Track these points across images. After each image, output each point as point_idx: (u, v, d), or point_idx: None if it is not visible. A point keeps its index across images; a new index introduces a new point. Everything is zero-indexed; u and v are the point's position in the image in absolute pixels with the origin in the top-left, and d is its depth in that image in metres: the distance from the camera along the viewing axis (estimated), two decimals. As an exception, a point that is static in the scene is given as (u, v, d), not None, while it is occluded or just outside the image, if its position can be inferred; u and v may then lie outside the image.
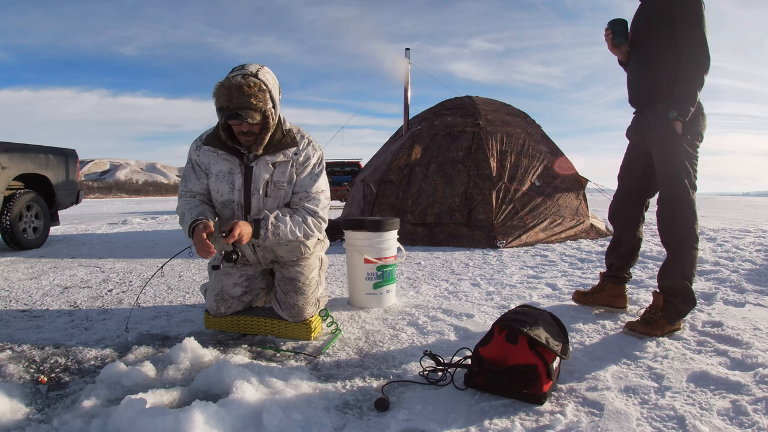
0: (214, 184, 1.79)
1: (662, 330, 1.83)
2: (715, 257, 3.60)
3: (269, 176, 1.76)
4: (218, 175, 1.78)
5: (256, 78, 1.64)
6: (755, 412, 1.22)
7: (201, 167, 1.83)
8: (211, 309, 1.93)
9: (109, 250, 4.51)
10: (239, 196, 1.77)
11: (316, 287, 1.93)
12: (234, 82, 1.60)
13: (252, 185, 1.75)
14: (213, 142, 1.78)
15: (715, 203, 17.21)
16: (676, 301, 1.86)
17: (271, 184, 1.77)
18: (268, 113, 1.67)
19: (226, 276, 1.92)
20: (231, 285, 1.92)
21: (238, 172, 1.76)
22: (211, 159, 1.79)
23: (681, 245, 1.89)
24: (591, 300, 2.28)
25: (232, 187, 1.77)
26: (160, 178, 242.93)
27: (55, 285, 2.91)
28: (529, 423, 1.19)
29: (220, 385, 1.32)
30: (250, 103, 1.60)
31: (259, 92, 1.62)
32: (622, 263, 2.21)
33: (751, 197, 37.12)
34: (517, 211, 4.65)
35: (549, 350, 1.33)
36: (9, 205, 4.37)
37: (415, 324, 2.05)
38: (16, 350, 1.74)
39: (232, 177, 1.76)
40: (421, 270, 3.35)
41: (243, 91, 1.59)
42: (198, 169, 1.83)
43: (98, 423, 1.14)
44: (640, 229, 2.18)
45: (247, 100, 1.60)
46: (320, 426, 1.17)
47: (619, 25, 2.01)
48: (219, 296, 1.90)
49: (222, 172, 1.77)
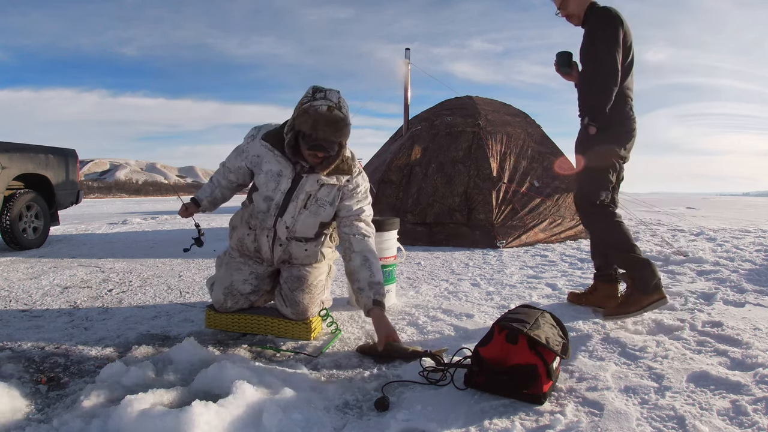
0: (262, 178, 1.86)
1: (639, 305, 1.98)
2: (715, 257, 3.60)
3: (314, 192, 1.82)
4: (267, 173, 1.85)
5: (341, 111, 1.67)
6: (755, 412, 1.22)
7: (249, 156, 1.91)
8: (217, 302, 1.94)
9: (109, 250, 4.51)
10: (280, 197, 1.84)
11: (322, 289, 1.94)
12: (321, 112, 1.63)
13: (295, 193, 1.82)
14: (274, 143, 1.83)
15: (715, 203, 17.21)
16: (635, 273, 2.02)
17: (313, 199, 1.83)
18: (344, 144, 1.76)
19: (237, 271, 1.94)
20: (241, 281, 1.93)
21: (287, 177, 1.82)
22: (264, 156, 1.86)
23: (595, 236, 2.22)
24: (585, 300, 2.31)
25: (277, 187, 1.83)
26: (160, 178, 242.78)
27: (55, 285, 2.91)
28: (529, 423, 1.19)
29: (220, 385, 1.32)
30: (335, 137, 1.67)
31: (344, 127, 1.68)
32: (606, 261, 2.28)
33: (751, 197, 37.13)
34: (516, 211, 4.65)
35: (549, 350, 1.33)
36: (9, 205, 4.37)
37: (415, 324, 2.05)
38: (16, 350, 1.74)
39: (280, 179, 1.83)
40: (421, 270, 3.35)
41: (331, 126, 1.64)
42: (242, 155, 1.94)
43: (98, 423, 1.14)
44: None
45: (332, 134, 1.65)
46: (320, 426, 1.17)
47: (563, 56, 2.30)
48: (228, 290, 1.92)
49: (272, 171, 1.84)
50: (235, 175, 2.02)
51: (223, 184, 2.08)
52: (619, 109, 2.12)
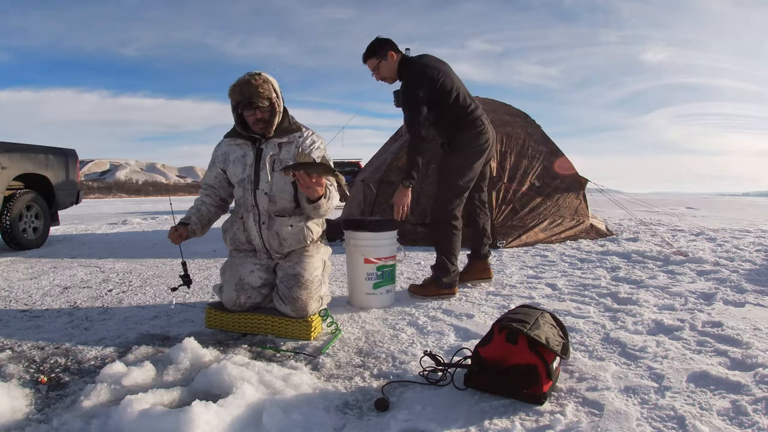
0: (232, 169, 2.06)
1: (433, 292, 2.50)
2: (715, 257, 3.59)
3: (275, 153, 2.00)
4: (235, 161, 2.05)
5: (260, 74, 1.96)
6: (755, 412, 1.22)
7: (218, 159, 2.11)
8: (230, 300, 1.96)
9: (109, 250, 4.51)
10: (250, 171, 2.01)
11: (319, 285, 1.96)
12: (242, 79, 1.93)
13: (260, 162, 1.99)
14: (231, 134, 2.09)
15: (715, 203, 17.21)
16: (439, 272, 2.51)
17: (277, 161, 1.99)
18: (274, 100, 1.96)
19: (242, 266, 2.01)
20: (248, 273, 2.00)
21: (250, 153, 2.02)
22: (229, 149, 2.08)
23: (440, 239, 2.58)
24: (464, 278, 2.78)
25: (245, 166, 2.02)
26: (160, 178, 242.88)
27: (55, 285, 2.91)
28: (529, 423, 1.19)
29: (220, 385, 1.32)
30: (258, 92, 1.91)
31: (264, 83, 1.93)
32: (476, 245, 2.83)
33: (751, 197, 37.12)
34: (516, 212, 4.64)
35: (549, 350, 1.33)
36: (9, 205, 4.37)
37: (415, 324, 2.05)
38: (16, 350, 1.74)
39: (245, 159, 2.02)
40: (421, 270, 3.35)
41: (251, 83, 1.91)
42: (215, 163, 2.13)
43: (98, 423, 1.14)
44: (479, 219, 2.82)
45: (255, 90, 1.91)
46: (320, 426, 1.17)
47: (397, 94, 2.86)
48: (239, 285, 1.96)
49: (237, 157, 2.04)
50: (216, 188, 2.15)
51: (207, 201, 2.15)
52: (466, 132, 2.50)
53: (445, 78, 2.47)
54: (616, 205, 6.26)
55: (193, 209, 2.12)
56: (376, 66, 2.53)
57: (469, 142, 2.51)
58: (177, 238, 2.03)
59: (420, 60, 2.52)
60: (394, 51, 2.51)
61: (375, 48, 2.52)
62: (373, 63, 2.53)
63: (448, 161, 2.57)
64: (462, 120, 2.51)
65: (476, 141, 2.52)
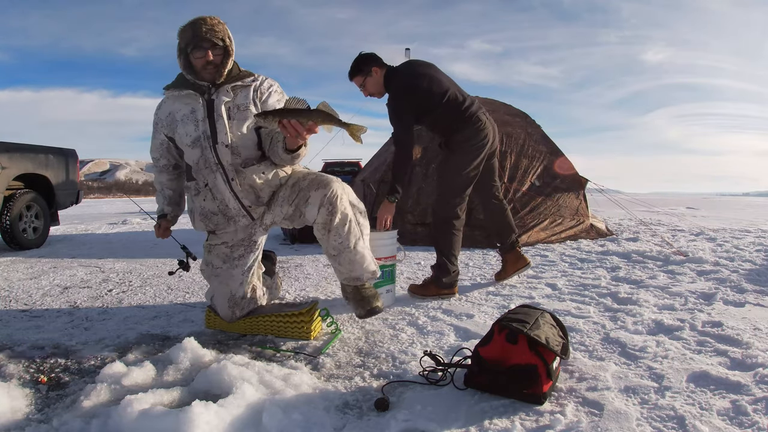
0: (182, 129, 1.80)
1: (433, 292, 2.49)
2: (715, 257, 3.59)
3: (230, 100, 1.79)
4: (183, 120, 1.80)
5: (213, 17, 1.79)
6: (755, 412, 1.22)
7: (162, 124, 1.87)
8: (227, 317, 1.92)
9: (109, 250, 4.51)
10: (204, 126, 1.77)
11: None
12: (195, 19, 1.75)
13: (215, 113, 1.78)
14: (174, 84, 1.85)
15: (715, 203, 17.22)
16: (439, 272, 2.50)
17: (234, 108, 1.79)
18: (228, 43, 1.79)
19: (230, 278, 1.91)
20: (237, 285, 1.91)
21: (200, 107, 1.79)
22: (174, 108, 1.83)
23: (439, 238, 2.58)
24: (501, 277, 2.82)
25: (197, 122, 1.78)
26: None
27: (55, 285, 2.91)
28: (529, 423, 1.19)
29: (220, 385, 1.32)
30: (213, 30, 1.74)
31: (219, 23, 1.77)
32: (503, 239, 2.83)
33: (751, 197, 37.13)
34: (517, 211, 4.64)
35: (549, 350, 1.33)
36: (9, 205, 4.37)
37: (415, 324, 2.05)
38: (16, 350, 1.74)
39: (195, 114, 1.79)
40: (421, 270, 3.35)
41: (205, 20, 1.74)
42: (157, 128, 1.89)
43: (98, 423, 1.14)
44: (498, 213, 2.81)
45: (210, 29, 1.73)
46: (320, 426, 1.17)
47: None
48: (232, 302, 1.90)
49: (185, 115, 1.80)
50: (165, 158, 1.95)
51: (164, 179, 2.01)
52: (465, 131, 2.49)
53: (431, 83, 2.46)
54: (616, 205, 6.26)
55: (159, 197, 2.04)
56: (362, 83, 2.55)
57: (467, 140, 2.51)
58: (165, 231, 1.99)
59: (405, 71, 2.53)
60: (378, 66, 2.51)
61: (359, 65, 2.53)
62: (359, 80, 2.55)
63: (447, 161, 2.57)
64: (458, 119, 2.51)
65: (475, 138, 2.52)
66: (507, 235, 2.79)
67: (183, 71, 1.82)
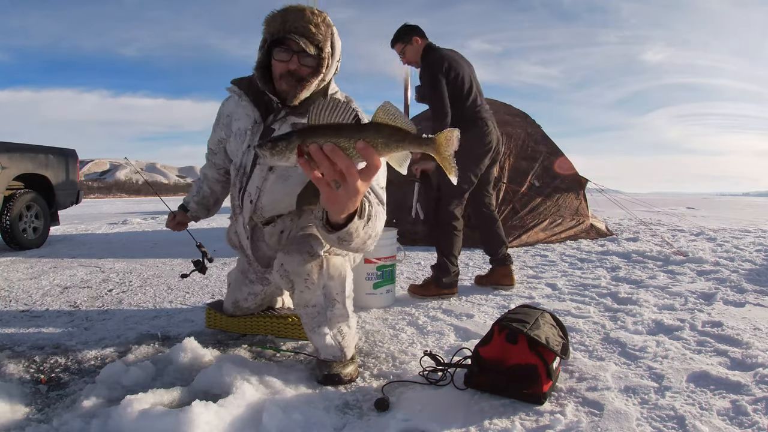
0: (233, 143, 1.51)
1: (433, 292, 2.49)
2: (715, 257, 3.59)
3: None
4: (237, 134, 1.49)
5: (322, 12, 1.33)
6: (755, 412, 1.22)
7: (222, 120, 1.59)
8: (227, 311, 1.93)
9: (109, 250, 4.51)
10: (246, 158, 1.43)
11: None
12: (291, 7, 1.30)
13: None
14: (239, 84, 1.46)
15: (715, 203, 17.22)
16: (439, 272, 2.50)
17: None
18: (325, 54, 1.32)
19: (238, 291, 1.85)
20: (243, 298, 1.87)
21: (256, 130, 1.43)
22: (235, 110, 1.51)
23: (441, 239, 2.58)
24: (485, 281, 2.77)
25: (243, 149, 1.45)
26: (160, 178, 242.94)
27: (55, 285, 2.91)
28: (529, 423, 1.19)
29: (220, 385, 1.32)
30: (309, 30, 1.28)
31: (323, 23, 1.30)
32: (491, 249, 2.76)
33: (751, 197, 37.14)
34: (516, 212, 4.64)
35: (549, 350, 1.33)
36: (9, 205, 4.37)
37: (415, 324, 2.05)
38: (16, 350, 1.74)
39: (246, 137, 1.45)
40: (421, 270, 3.35)
41: (304, 14, 1.28)
42: (219, 122, 1.61)
43: (98, 423, 1.14)
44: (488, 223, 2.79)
45: (306, 25, 1.28)
46: (320, 426, 1.17)
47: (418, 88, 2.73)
48: (235, 305, 1.90)
49: (240, 130, 1.47)
50: (220, 156, 1.67)
51: (210, 175, 1.76)
52: (470, 132, 2.48)
53: (464, 74, 2.53)
54: (616, 205, 6.27)
55: (194, 190, 1.80)
56: (402, 50, 2.61)
57: (471, 143, 2.52)
58: (177, 225, 1.76)
59: (447, 52, 2.56)
60: (420, 37, 2.58)
61: (401, 33, 2.61)
62: (399, 47, 2.62)
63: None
64: (469, 120, 2.53)
65: (480, 142, 2.55)
66: (497, 247, 2.76)
67: (255, 72, 1.39)
